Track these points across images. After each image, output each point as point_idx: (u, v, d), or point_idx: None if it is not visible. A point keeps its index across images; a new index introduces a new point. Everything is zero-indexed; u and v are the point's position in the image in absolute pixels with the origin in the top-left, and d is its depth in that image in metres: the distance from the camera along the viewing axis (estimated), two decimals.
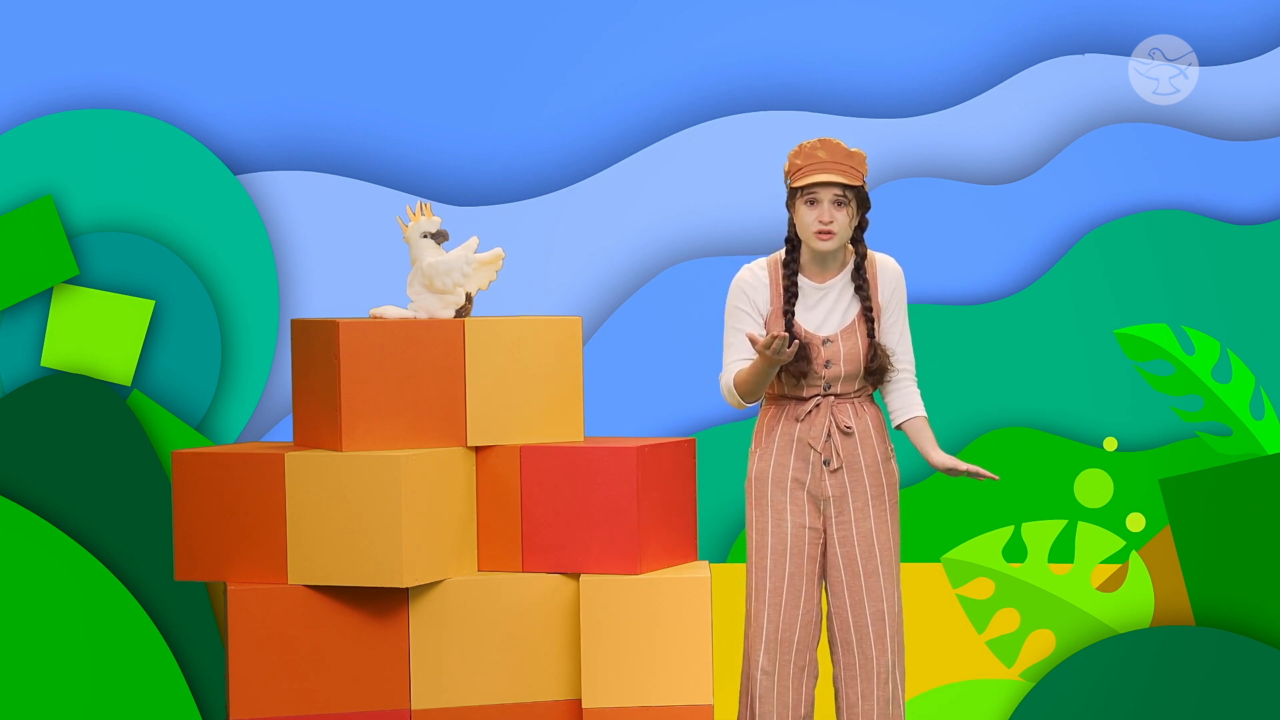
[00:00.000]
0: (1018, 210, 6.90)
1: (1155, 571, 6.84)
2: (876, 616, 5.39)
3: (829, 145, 5.31)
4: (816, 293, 5.40)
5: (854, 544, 5.38)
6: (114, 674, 6.52)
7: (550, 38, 6.89)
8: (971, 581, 6.85)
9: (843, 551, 5.39)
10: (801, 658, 5.41)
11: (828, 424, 5.37)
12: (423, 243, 5.52)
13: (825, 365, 5.35)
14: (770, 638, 5.40)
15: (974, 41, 6.92)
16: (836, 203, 5.29)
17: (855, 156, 5.31)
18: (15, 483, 6.62)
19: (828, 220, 5.29)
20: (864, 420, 5.39)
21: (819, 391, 5.38)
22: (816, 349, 5.35)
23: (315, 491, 5.30)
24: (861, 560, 5.37)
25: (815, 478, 5.39)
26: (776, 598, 5.39)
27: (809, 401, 5.38)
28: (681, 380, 6.87)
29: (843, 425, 5.36)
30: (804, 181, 5.28)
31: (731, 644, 6.66)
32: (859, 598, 5.39)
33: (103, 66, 6.81)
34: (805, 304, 5.39)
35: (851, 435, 5.36)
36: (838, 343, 5.35)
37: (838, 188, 5.28)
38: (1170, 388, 6.90)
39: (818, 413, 5.38)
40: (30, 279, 6.71)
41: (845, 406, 5.38)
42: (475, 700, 5.37)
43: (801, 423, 5.39)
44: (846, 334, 5.36)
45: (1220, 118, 6.92)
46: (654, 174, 6.89)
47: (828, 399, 5.37)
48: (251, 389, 6.83)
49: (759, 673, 5.39)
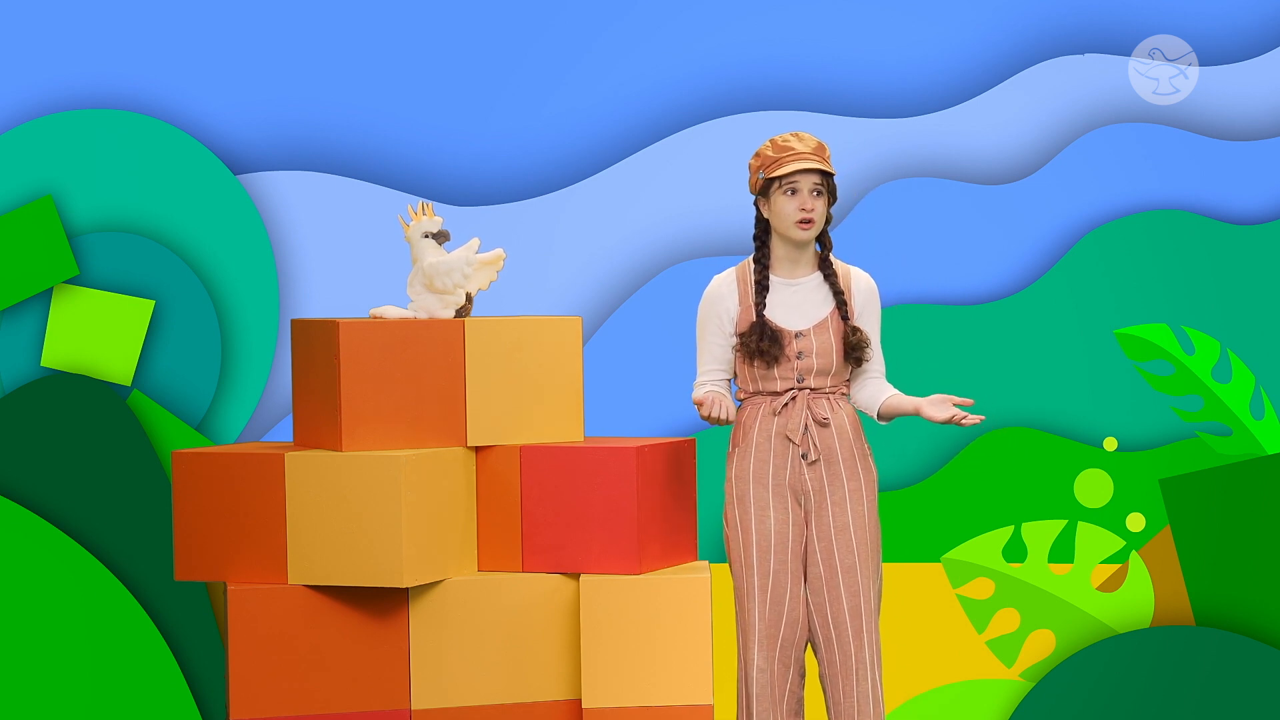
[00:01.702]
0: (1018, 210, 6.90)
1: (1155, 571, 6.84)
2: (854, 612, 5.39)
3: (802, 136, 5.40)
4: (787, 289, 5.42)
5: (831, 539, 5.39)
6: (114, 674, 6.52)
7: (550, 38, 6.89)
8: (971, 581, 6.85)
9: (821, 546, 5.40)
10: (796, 653, 5.41)
11: (804, 416, 5.38)
12: (424, 243, 5.52)
13: (798, 356, 5.37)
14: (764, 634, 5.40)
15: (974, 41, 6.92)
16: (815, 192, 5.35)
17: (825, 149, 5.39)
18: (15, 483, 6.61)
19: (809, 208, 5.34)
20: (840, 415, 5.41)
21: (793, 384, 5.40)
22: (789, 340, 5.37)
23: (315, 491, 5.30)
24: (839, 555, 5.38)
25: (795, 472, 5.40)
26: (764, 594, 5.40)
27: (784, 394, 5.40)
28: (682, 380, 6.85)
29: (819, 417, 5.38)
30: (783, 170, 5.32)
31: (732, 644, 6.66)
32: (837, 593, 5.39)
33: (103, 66, 6.81)
34: (776, 299, 5.42)
35: (828, 427, 5.38)
36: (810, 337, 5.38)
37: (816, 176, 5.34)
38: (1170, 388, 6.90)
39: (794, 405, 5.39)
40: (30, 279, 6.71)
41: (821, 400, 5.40)
42: (475, 700, 5.37)
43: (779, 416, 5.40)
44: (819, 329, 5.39)
45: (1220, 118, 6.92)
46: (654, 174, 6.89)
47: (803, 392, 5.39)
48: (251, 389, 6.83)
49: (755, 671, 5.39)
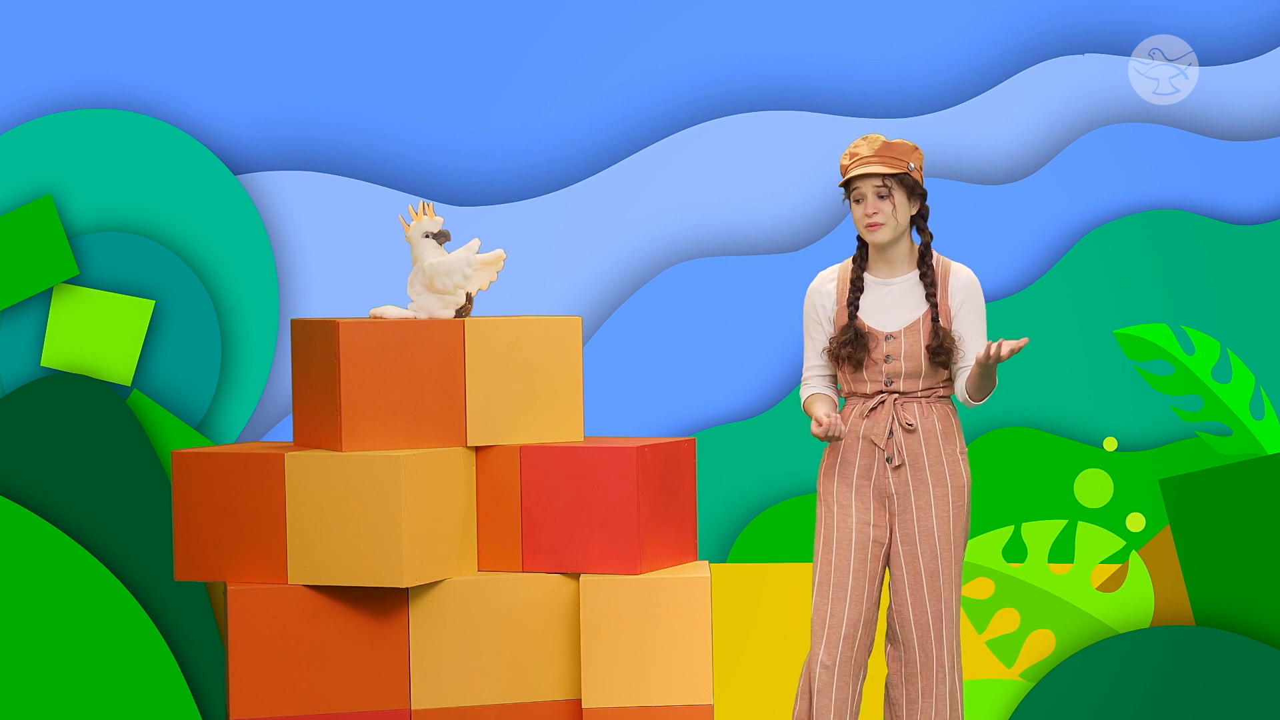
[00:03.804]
0: (1018, 210, 6.90)
1: (1155, 571, 6.84)
2: (935, 616, 5.38)
3: (869, 139, 5.41)
4: (882, 289, 5.43)
5: (915, 542, 5.38)
6: (114, 674, 6.52)
7: (550, 38, 6.89)
8: (971, 581, 6.85)
9: (904, 549, 5.40)
10: (860, 655, 5.40)
11: (890, 421, 5.38)
12: (424, 243, 5.53)
13: (885, 359, 5.37)
14: (833, 631, 5.38)
15: (974, 41, 6.92)
16: (879, 195, 5.36)
17: (896, 146, 5.38)
18: (15, 483, 6.62)
19: (872, 212, 5.36)
20: (930, 419, 5.39)
21: (881, 387, 5.39)
22: (878, 343, 5.37)
23: (315, 491, 5.30)
24: (923, 559, 5.37)
25: (880, 474, 5.39)
26: (840, 591, 5.38)
27: (874, 398, 5.40)
28: (681, 380, 6.87)
29: (904, 422, 5.37)
30: (845, 179, 5.37)
31: (732, 644, 6.66)
32: (920, 596, 5.38)
33: (103, 66, 6.81)
34: (871, 299, 5.42)
35: (914, 432, 5.37)
36: (900, 339, 5.37)
37: (877, 179, 5.35)
38: (1170, 388, 6.90)
39: (882, 409, 5.39)
40: (30, 279, 6.71)
41: (911, 405, 5.39)
42: (475, 700, 5.37)
43: (867, 419, 5.40)
44: (910, 331, 5.38)
45: (1220, 118, 6.92)
46: (654, 174, 6.89)
47: (892, 396, 5.39)
48: (251, 389, 6.83)
49: (819, 666, 5.37)
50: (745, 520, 6.88)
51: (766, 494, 6.80)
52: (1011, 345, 5.14)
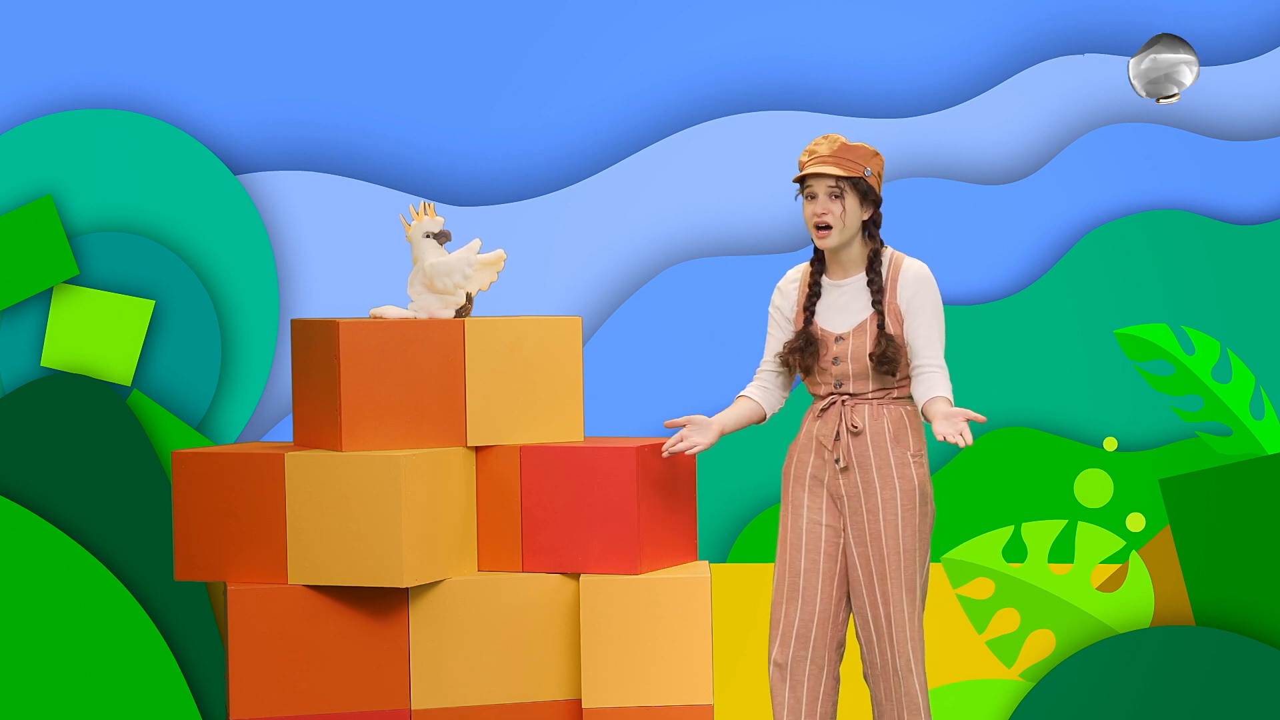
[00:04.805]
0: (1018, 210, 6.90)
1: (1155, 571, 6.84)
2: (888, 619, 5.35)
3: (829, 138, 5.34)
4: (836, 290, 5.40)
5: (867, 545, 5.36)
6: (114, 674, 6.52)
7: (550, 38, 6.89)
8: (971, 581, 6.85)
9: (857, 552, 5.38)
10: (819, 655, 5.37)
11: (838, 424, 5.36)
12: (425, 243, 5.53)
13: (833, 362, 5.34)
14: (785, 631, 5.38)
15: (974, 41, 6.92)
16: (831, 195, 5.29)
17: (856, 150, 5.31)
18: (15, 483, 6.62)
19: (821, 212, 5.30)
20: (881, 421, 5.35)
21: (832, 389, 5.37)
22: (828, 346, 5.35)
23: (315, 491, 5.30)
24: (875, 562, 5.35)
25: (832, 476, 5.38)
26: (793, 591, 5.37)
27: (824, 400, 5.39)
28: (681, 380, 6.87)
29: (850, 425, 5.35)
30: (799, 176, 5.30)
31: (732, 644, 6.66)
32: (873, 599, 5.36)
33: (103, 66, 6.81)
34: (826, 301, 5.40)
35: (860, 435, 5.34)
36: (848, 340, 5.35)
37: (830, 180, 5.28)
38: (1170, 388, 6.90)
39: (831, 411, 5.37)
40: (30, 279, 6.71)
41: (861, 407, 5.36)
42: (475, 700, 5.37)
43: (819, 420, 5.39)
44: (857, 332, 5.35)
45: (1220, 118, 6.92)
46: (654, 174, 6.89)
47: (842, 398, 5.36)
48: (251, 389, 6.83)
49: (772, 665, 5.37)
50: (745, 520, 6.88)
51: (766, 494, 6.80)
52: (966, 441, 5.12)
